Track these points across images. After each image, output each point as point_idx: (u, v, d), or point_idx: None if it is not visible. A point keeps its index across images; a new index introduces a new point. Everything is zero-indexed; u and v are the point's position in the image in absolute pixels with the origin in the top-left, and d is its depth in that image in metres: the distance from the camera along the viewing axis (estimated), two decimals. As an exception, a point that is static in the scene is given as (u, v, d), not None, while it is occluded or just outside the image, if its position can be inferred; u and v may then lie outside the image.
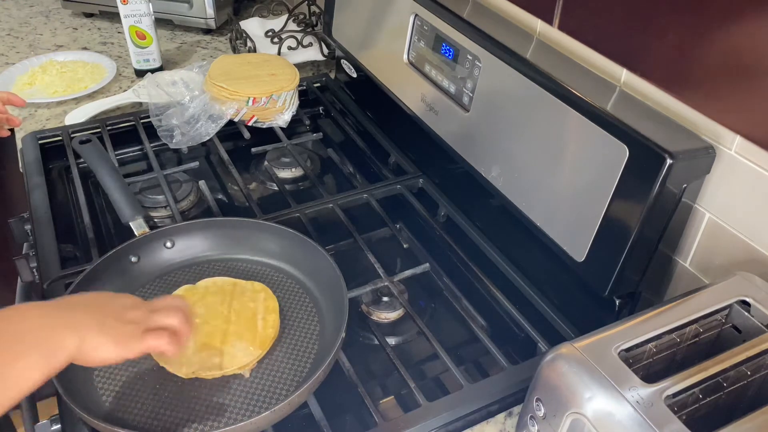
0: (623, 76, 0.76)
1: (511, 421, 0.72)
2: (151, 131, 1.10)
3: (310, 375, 0.69)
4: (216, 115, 1.09)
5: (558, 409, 0.56)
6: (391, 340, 0.81)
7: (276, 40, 1.35)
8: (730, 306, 0.61)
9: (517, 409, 0.73)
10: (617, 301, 0.74)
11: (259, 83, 1.11)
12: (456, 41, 0.90)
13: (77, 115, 1.17)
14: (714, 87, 0.62)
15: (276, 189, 1.07)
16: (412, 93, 1.01)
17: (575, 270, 0.75)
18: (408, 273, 0.87)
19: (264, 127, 1.14)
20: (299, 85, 1.16)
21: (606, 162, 0.69)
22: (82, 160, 0.93)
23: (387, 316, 0.84)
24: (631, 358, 0.57)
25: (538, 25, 0.87)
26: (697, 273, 0.74)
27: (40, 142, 1.08)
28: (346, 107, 1.25)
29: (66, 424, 0.68)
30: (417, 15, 0.98)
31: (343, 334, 0.70)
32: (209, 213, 0.98)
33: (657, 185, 0.64)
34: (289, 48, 1.35)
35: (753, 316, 0.60)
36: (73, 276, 0.82)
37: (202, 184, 1.04)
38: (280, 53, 1.33)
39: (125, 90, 1.26)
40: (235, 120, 1.11)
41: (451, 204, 1.00)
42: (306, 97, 1.27)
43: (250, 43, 1.34)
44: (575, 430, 0.55)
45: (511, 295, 0.85)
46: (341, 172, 1.12)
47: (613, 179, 0.69)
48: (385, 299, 0.84)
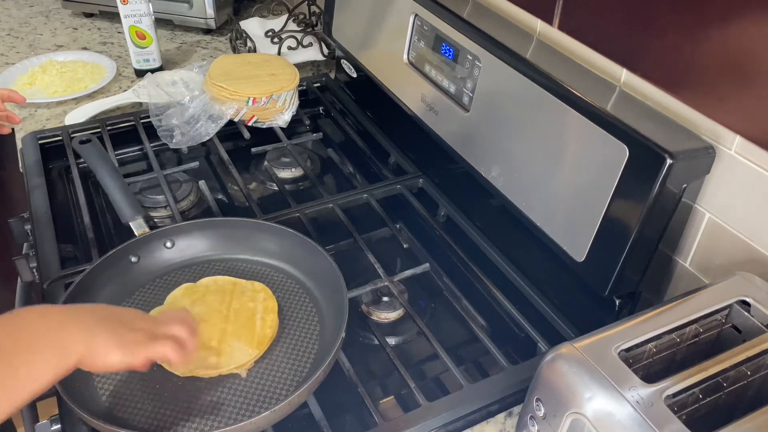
0: (623, 76, 0.76)
1: (511, 421, 0.72)
2: (151, 131, 1.10)
3: (310, 375, 0.69)
4: (216, 115, 1.09)
5: (558, 409, 0.56)
6: (391, 340, 0.81)
7: (276, 40, 1.35)
8: (730, 306, 0.61)
9: (517, 409, 0.73)
10: (617, 301, 0.74)
11: (259, 83, 1.11)
12: (456, 41, 0.90)
13: (77, 115, 1.17)
14: (714, 87, 0.62)
15: (276, 189, 1.07)
16: (412, 93, 1.01)
17: (575, 270, 0.75)
18: (408, 273, 0.87)
19: (264, 127, 1.14)
20: (299, 85, 1.16)
21: (606, 162, 0.69)
22: (82, 160, 0.93)
23: (387, 316, 0.84)
24: (631, 358, 0.57)
25: (538, 25, 0.87)
26: (697, 273, 0.74)
27: (40, 142, 1.08)
28: (346, 107, 1.25)
29: (66, 424, 0.68)
30: (417, 15, 0.98)
31: (343, 334, 0.70)
32: (209, 213, 0.98)
33: (657, 185, 0.65)
34: (289, 48, 1.35)
35: (753, 316, 0.60)
36: (73, 276, 0.82)
37: (202, 184, 1.04)
38: (280, 53, 1.33)
39: (125, 90, 1.26)
40: (235, 120, 1.11)
41: (451, 204, 0.99)
42: (306, 97, 1.27)
43: (250, 43, 1.34)
44: (575, 430, 0.55)
45: (511, 295, 0.85)
46: (341, 172, 1.12)
47: (613, 179, 0.69)
48: (385, 299, 0.84)
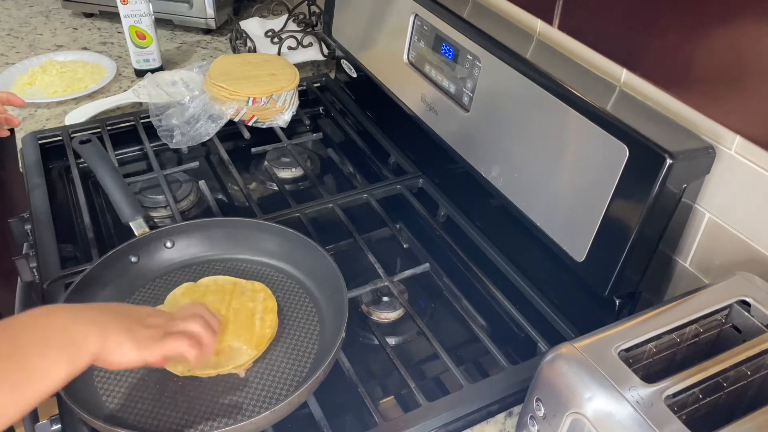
0: (623, 76, 0.76)
1: (511, 421, 0.72)
2: (151, 131, 1.10)
3: (310, 375, 0.69)
4: (216, 115, 1.09)
5: (558, 409, 0.56)
6: (391, 340, 0.81)
7: (276, 40, 1.35)
8: (730, 306, 0.61)
9: (517, 409, 0.73)
10: (617, 301, 0.74)
11: (259, 83, 1.11)
12: (456, 41, 0.90)
13: (77, 115, 1.17)
14: (714, 87, 0.62)
15: (276, 189, 1.07)
16: (412, 93, 1.01)
17: (575, 270, 0.75)
18: (408, 273, 0.87)
19: (264, 127, 1.14)
20: (299, 85, 1.16)
21: (606, 162, 0.69)
22: (82, 160, 0.93)
23: (387, 316, 0.84)
24: (631, 358, 0.57)
25: (538, 25, 0.87)
26: (697, 273, 0.74)
27: (40, 142, 1.08)
28: (346, 107, 1.25)
29: (66, 424, 0.68)
30: (417, 15, 0.98)
31: (343, 334, 0.70)
32: (209, 213, 0.98)
33: (657, 185, 0.65)
34: (289, 48, 1.35)
35: (753, 316, 0.60)
36: (73, 276, 0.82)
37: (202, 184, 1.04)
38: (280, 53, 1.33)
39: (125, 90, 1.26)
40: (235, 120, 1.11)
41: (451, 204, 0.99)
42: (306, 97, 1.27)
43: (250, 43, 1.34)
44: (575, 430, 0.55)
45: (511, 295, 0.85)
46: (341, 172, 1.12)
47: (613, 179, 0.69)
48: (385, 299, 0.84)
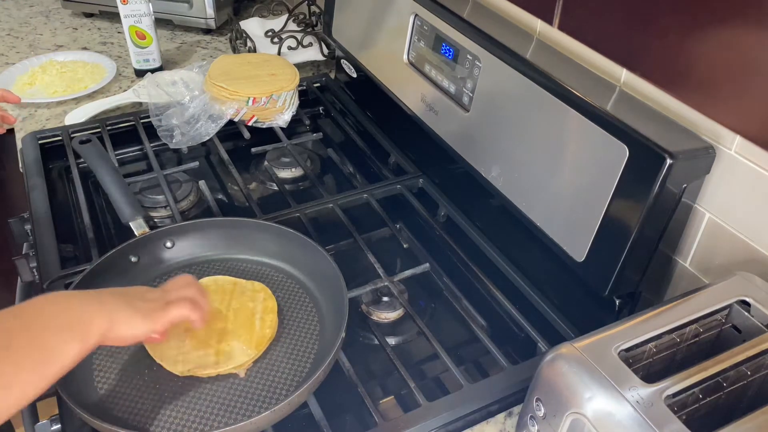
0: (623, 76, 0.76)
1: (511, 421, 0.72)
2: (151, 131, 1.10)
3: (310, 375, 0.69)
4: (216, 115, 1.09)
5: (558, 409, 0.56)
6: (391, 340, 0.81)
7: (276, 40, 1.35)
8: (730, 306, 0.61)
9: (517, 409, 0.73)
10: (617, 301, 0.74)
11: (259, 83, 1.11)
12: (456, 41, 0.90)
13: (77, 115, 1.17)
14: (714, 87, 0.62)
15: (276, 189, 1.07)
16: (412, 93, 1.01)
17: (575, 270, 0.75)
18: (408, 273, 0.87)
19: (264, 127, 1.14)
20: (299, 85, 1.16)
21: (606, 162, 0.69)
22: (82, 160, 0.93)
23: (387, 316, 0.84)
24: (631, 358, 0.57)
25: (538, 25, 0.87)
26: (697, 273, 0.74)
27: (40, 142, 1.08)
28: (346, 107, 1.25)
29: (66, 424, 0.68)
30: (417, 15, 0.98)
31: (343, 334, 0.70)
32: (209, 213, 0.98)
33: (657, 185, 0.65)
34: (289, 48, 1.35)
35: (753, 316, 0.60)
36: (73, 276, 0.82)
37: (202, 184, 1.04)
38: (280, 53, 1.33)
39: (125, 90, 1.26)
40: (235, 120, 1.11)
41: (451, 204, 0.99)
42: (306, 97, 1.27)
43: (250, 43, 1.34)
44: (575, 430, 0.55)
45: (511, 295, 0.85)
46: (341, 172, 1.12)
47: (613, 179, 0.69)
48: (385, 299, 0.84)
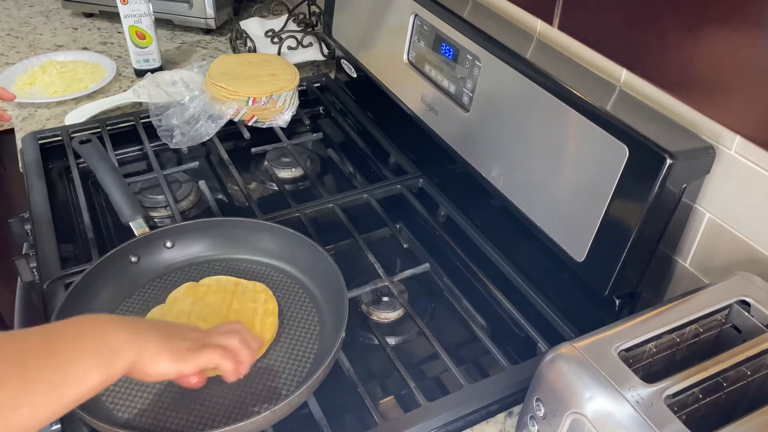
0: (623, 76, 0.76)
1: (511, 421, 0.72)
2: (151, 131, 1.10)
3: (310, 375, 0.69)
4: (216, 115, 1.09)
5: (558, 409, 0.56)
6: (391, 340, 0.81)
7: (276, 40, 1.35)
8: (730, 306, 0.61)
9: (517, 409, 0.73)
10: (617, 301, 0.74)
11: (259, 83, 1.11)
12: (456, 41, 0.90)
13: (77, 115, 1.17)
14: (714, 87, 0.62)
15: (276, 189, 1.07)
16: (412, 93, 1.01)
17: (575, 270, 0.75)
18: (408, 273, 0.87)
19: (264, 127, 1.14)
20: (299, 85, 1.16)
21: (606, 162, 0.69)
22: (82, 160, 0.93)
23: (387, 316, 0.84)
24: (631, 358, 0.57)
25: (538, 25, 0.87)
26: (697, 273, 0.74)
27: (40, 142, 1.08)
28: (346, 107, 1.25)
29: (66, 424, 0.68)
30: (417, 15, 0.98)
31: (343, 334, 0.70)
32: (209, 213, 0.98)
33: (657, 185, 0.64)
34: (289, 48, 1.35)
35: (753, 316, 0.60)
36: (73, 276, 0.82)
37: (202, 184, 1.04)
38: (280, 53, 1.33)
39: (125, 90, 1.26)
40: (235, 120, 1.11)
41: (451, 204, 0.99)
42: (306, 97, 1.27)
43: (250, 43, 1.34)
44: (575, 430, 0.55)
45: (511, 295, 0.85)
46: (341, 172, 1.12)
47: (613, 179, 0.69)
48: (385, 299, 0.84)
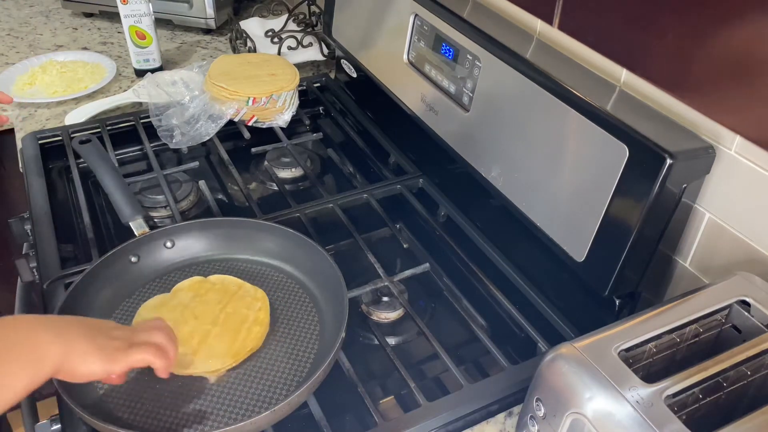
0: (623, 76, 0.76)
1: (511, 421, 0.72)
2: (151, 131, 1.10)
3: (310, 375, 0.69)
4: (216, 115, 1.09)
5: (558, 409, 0.56)
6: (391, 340, 0.81)
7: (276, 40, 1.35)
8: (730, 306, 0.61)
9: (517, 409, 0.73)
10: (617, 301, 0.74)
11: (259, 83, 1.11)
12: (456, 41, 0.90)
13: (77, 115, 1.17)
14: (714, 87, 0.62)
15: (276, 189, 1.07)
16: (412, 93, 1.01)
17: (575, 270, 0.75)
18: (408, 273, 0.87)
19: (264, 127, 1.14)
20: (299, 85, 1.16)
21: (606, 162, 0.69)
22: (82, 160, 0.93)
23: (387, 316, 0.84)
24: (631, 358, 0.57)
25: (538, 25, 0.87)
26: (697, 273, 0.74)
27: (40, 142, 1.08)
28: (346, 107, 1.25)
29: (66, 424, 0.68)
30: (417, 15, 0.98)
31: (343, 334, 0.70)
32: (209, 213, 0.98)
33: (657, 185, 0.65)
34: (289, 48, 1.35)
35: (753, 316, 0.60)
36: (73, 276, 0.82)
37: (202, 184, 1.04)
38: (280, 53, 1.33)
39: (125, 90, 1.26)
40: (235, 120, 1.11)
41: (451, 204, 0.99)
42: (306, 97, 1.27)
43: (250, 43, 1.34)
44: (575, 430, 0.55)
45: (511, 295, 0.85)
46: (341, 172, 1.12)
47: (613, 179, 0.69)
48: (385, 299, 0.84)
